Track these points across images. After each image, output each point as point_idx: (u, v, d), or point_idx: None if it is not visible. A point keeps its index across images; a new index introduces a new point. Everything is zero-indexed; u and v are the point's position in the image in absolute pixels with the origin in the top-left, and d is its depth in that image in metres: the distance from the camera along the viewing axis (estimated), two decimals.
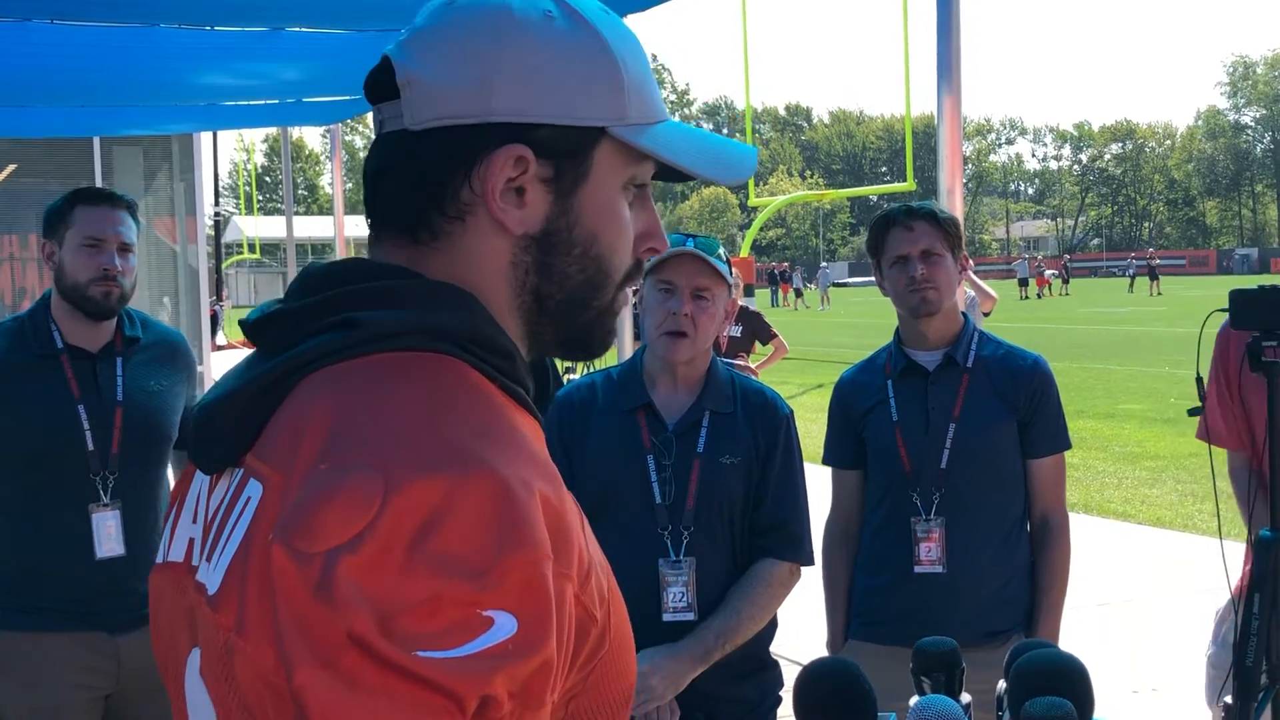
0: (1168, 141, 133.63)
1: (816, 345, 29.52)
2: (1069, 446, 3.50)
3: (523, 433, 1.06)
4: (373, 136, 1.20)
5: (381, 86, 1.16)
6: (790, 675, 2.96)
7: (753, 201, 44.22)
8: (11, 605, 3.28)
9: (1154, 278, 59.13)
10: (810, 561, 3.11)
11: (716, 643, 2.84)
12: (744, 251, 37.98)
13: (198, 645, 1.06)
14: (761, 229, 55.95)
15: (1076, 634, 3.48)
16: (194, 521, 1.14)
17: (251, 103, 9.76)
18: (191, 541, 1.13)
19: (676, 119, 1.28)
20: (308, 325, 1.08)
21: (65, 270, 3.31)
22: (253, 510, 1.00)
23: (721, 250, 2.97)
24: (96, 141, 16.28)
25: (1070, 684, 1.79)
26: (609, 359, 2.71)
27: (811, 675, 1.92)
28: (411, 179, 1.13)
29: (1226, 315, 3.10)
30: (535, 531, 0.95)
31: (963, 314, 3.50)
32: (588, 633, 1.03)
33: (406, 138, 1.12)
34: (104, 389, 3.33)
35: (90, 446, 3.26)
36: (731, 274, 2.99)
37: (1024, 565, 3.43)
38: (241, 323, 1.15)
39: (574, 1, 1.16)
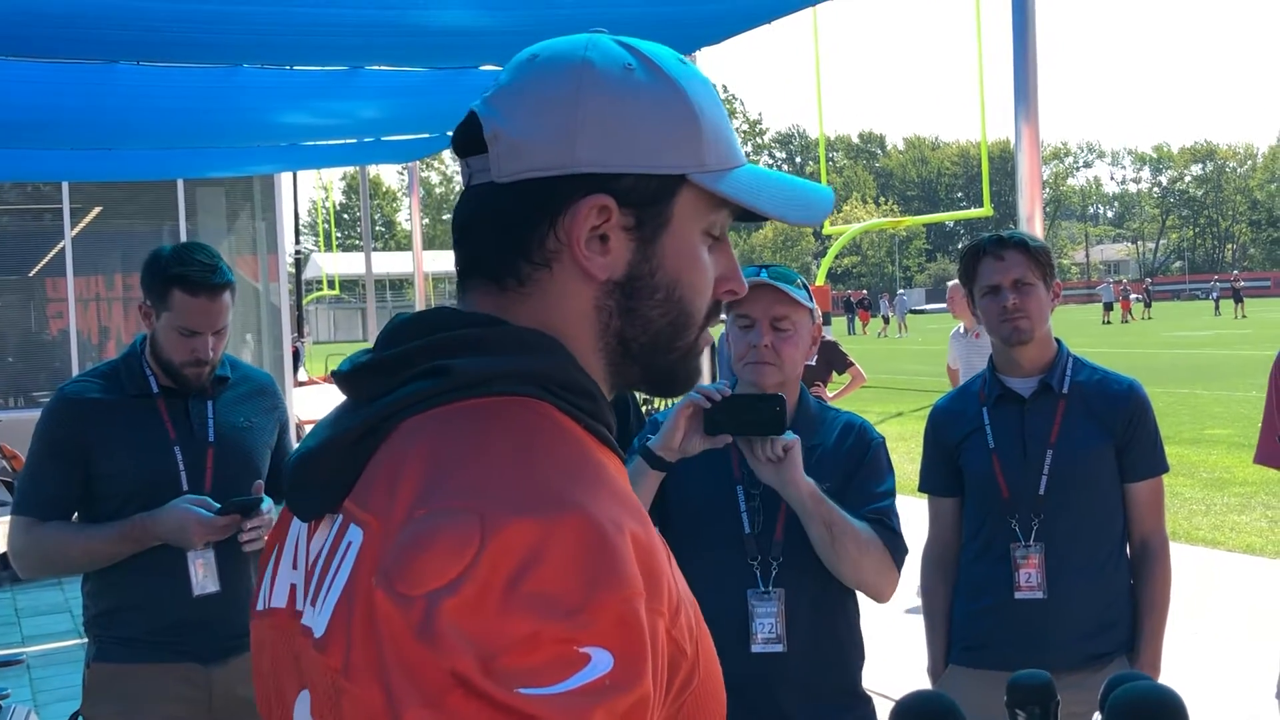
0: (1249, 162, 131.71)
1: (895, 373, 29.32)
2: (1166, 470, 3.50)
3: (609, 472, 1.09)
4: (448, 174, 1.22)
5: (469, 140, 1.19)
6: (881, 710, 2.93)
7: (827, 230, 43.92)
8: (111, 637, 3.39)
9: (1238, 300, 58.15)
10: (899, 567, 2.96)
11: (823, 500, 2.76)
12: (819, 280, 37.86)
13: (305, 687, 1.08)
14: (836, 257, 55.76)
15: (1167, 664, 3.42)
16: (294, 568, 1.17)
17: (331, 142, 9.90)
18: (293, 587, 1.16)
19: (748, 154, 1.30)
20: (399, 373, 1.11)
21: (160, 343, 3.36)
22: (354, 555, 1.03)
23: (800, 279, 2.96)
24: (180, 183, 16.59)
25: (1168, 718, 1.75)
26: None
27: (907, 710, 1.90)
28: (499, 229, 1.17)
29: None
30: (628, 570, 0.97)
31: (1056, 340, 3.48)
32: (679, 667, 1.04)
33: (494, 189, 1.16)
34: (196, 429, 3.40)
35: (185, 487, 3.33)
36: (812, 301, 2.98)
37: (1124, 589, 3.43)
38: (334, 373, 1.19)
39: (651, 54, 1.19)
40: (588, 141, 1.13)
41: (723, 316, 1.45)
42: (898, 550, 2.89)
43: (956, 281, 8.99)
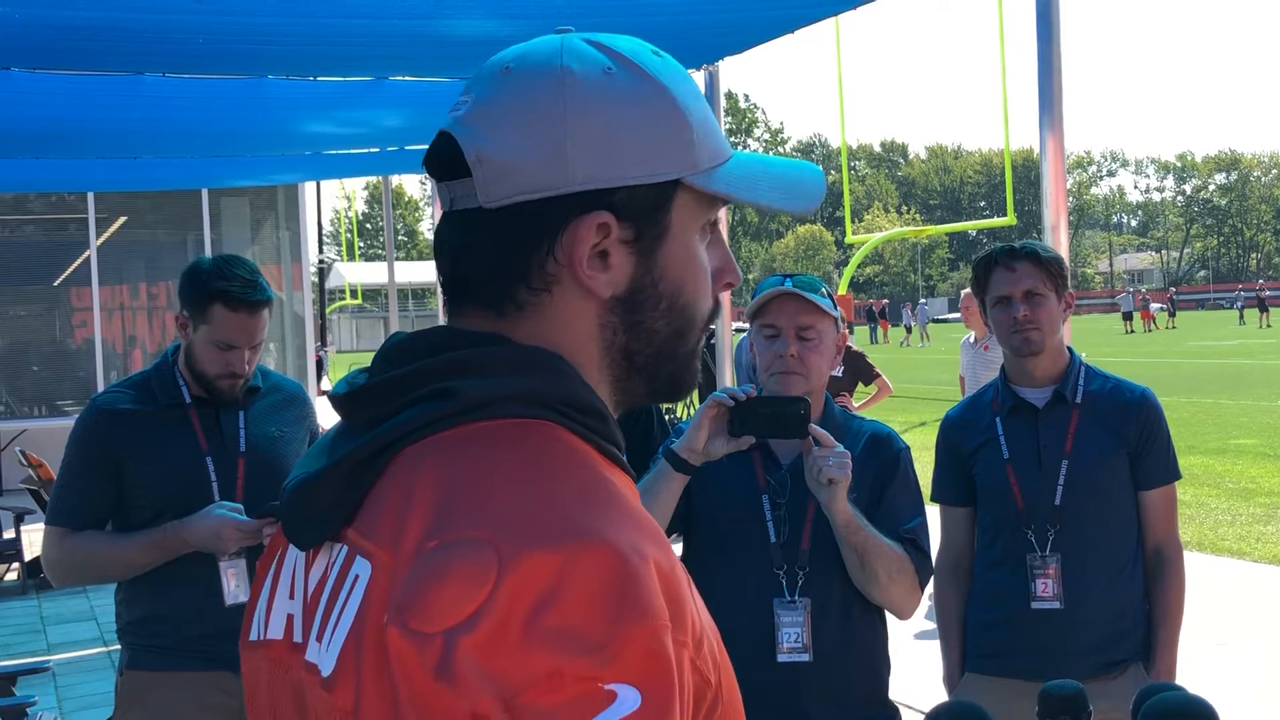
0: (1274, 170, 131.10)
1: (918, 382, 29.25)
2: (1179, 477, 3.49)
3: (624, 494, 1.04)
4: None
5: (446, 164, 1.12)
6: None
7: (849, 239, 43.99)
8: (143, 645, 3.41)
9: (1264, 309, 57.86)
10: (924, 587, 2.99)
11: (862, 522, 2.75)
12: (842, 289, 37.83)
13: None
14: (859, 266, 55.73)
15: (1194, 674, 3.41)
16: (291, 598, 1.12)
17: (354, 151, 9.93)
18: (290, 618, 1.11)
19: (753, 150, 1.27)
20: (401, 397, 1.06)
21: (195, 354, 3.35)
22: (363, 589, 0.99)
23: (825, 288, 2.96)
24: (205, 193, 16.67)
25: None
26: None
27: (940, 717, 1.89)
28: (493, 256, 1.11)
29: None
30: (653, 601, 0.93)
31: (1068, 349, 3.48)
32: (704, 697, 1.00)
33: (482, 215, 1.10)
34: (228, 440, 3.41)
35: (216, 497, 3.33)
36: (837, 309, 2.97)
37: (1139, 596, 3.42)
38: (330, 396, 1.13)
39: (628, 52, 1.13)
40: (580, 157, 1.07)
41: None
42: (925, 571, 2.92)
43: (970, 290, 9.00)
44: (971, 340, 8.97)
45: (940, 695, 3.52)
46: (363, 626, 0.96)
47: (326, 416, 3.68)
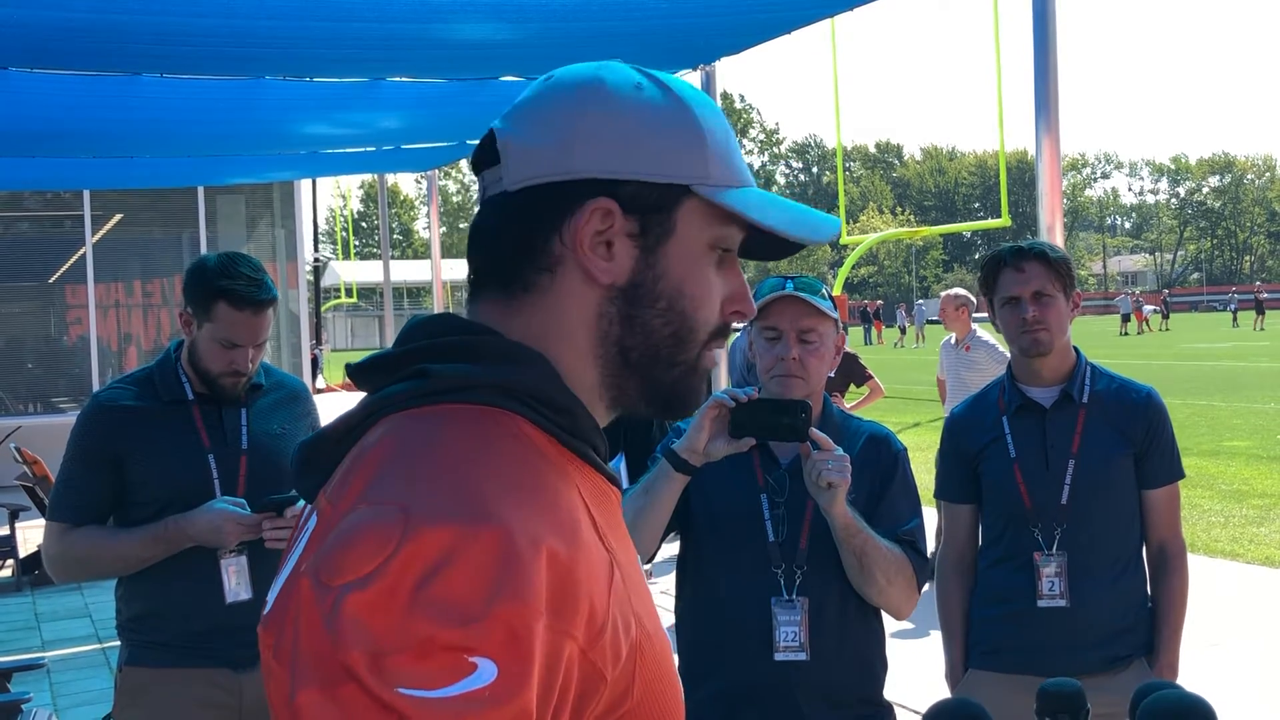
0: (1268, 173, 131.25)
1: (912, 384, 29.26)
2: (1183, 476, 3.53)
3: (555, 488, 1.10)
4: (466, 182, 1.26)
5: (485, 155, 1.24)
6: None
7: (844, 240, 43.98)
8: (142, 641, 3.41)
9: (1260, 311, 57.88)
10: (921, 588, 3.00)
11: (861, 524, 2.77)
12: (836, 290, 37.83)
13: None
14: (853, 267, 55.76)
15: (1187, 675, 3.42)
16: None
17: (351, 150, 9.92)
18: None
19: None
20: (393, 373, 1.16)
21: (199, 351, 3.35)
22: (305, 541, 1.08)
23: (825, 289, 2.97)
24: (200, 191, 16.67)
25: None
26: None
27: (938, 716, 1.91)
28: (508, 235, 1.21)
29: None
30: (530, 587, 0.98)
31: (1074, 348, 3.49)
32: (595, 691, 1.05)
33: (505, 198, 1.21)
34: (230, 437, 3.41)
35: (218, 494, 3.33)
36: (836, 311, 2.98)
37: (1143, 593, 3.46)
38: (347, 366, 1.23)
39: (665, 78, 1.24)
40: (586, 148, 1.17)
41: (736, 326, 1.45)
42: (922, 573, 2.93)
43: (948, 293, 9.00)
44: (952, 342, 8.94)
45: (933, 694, 3.53)
46: (296, 574, 1.04)
47: (328, 415, 3.69)
